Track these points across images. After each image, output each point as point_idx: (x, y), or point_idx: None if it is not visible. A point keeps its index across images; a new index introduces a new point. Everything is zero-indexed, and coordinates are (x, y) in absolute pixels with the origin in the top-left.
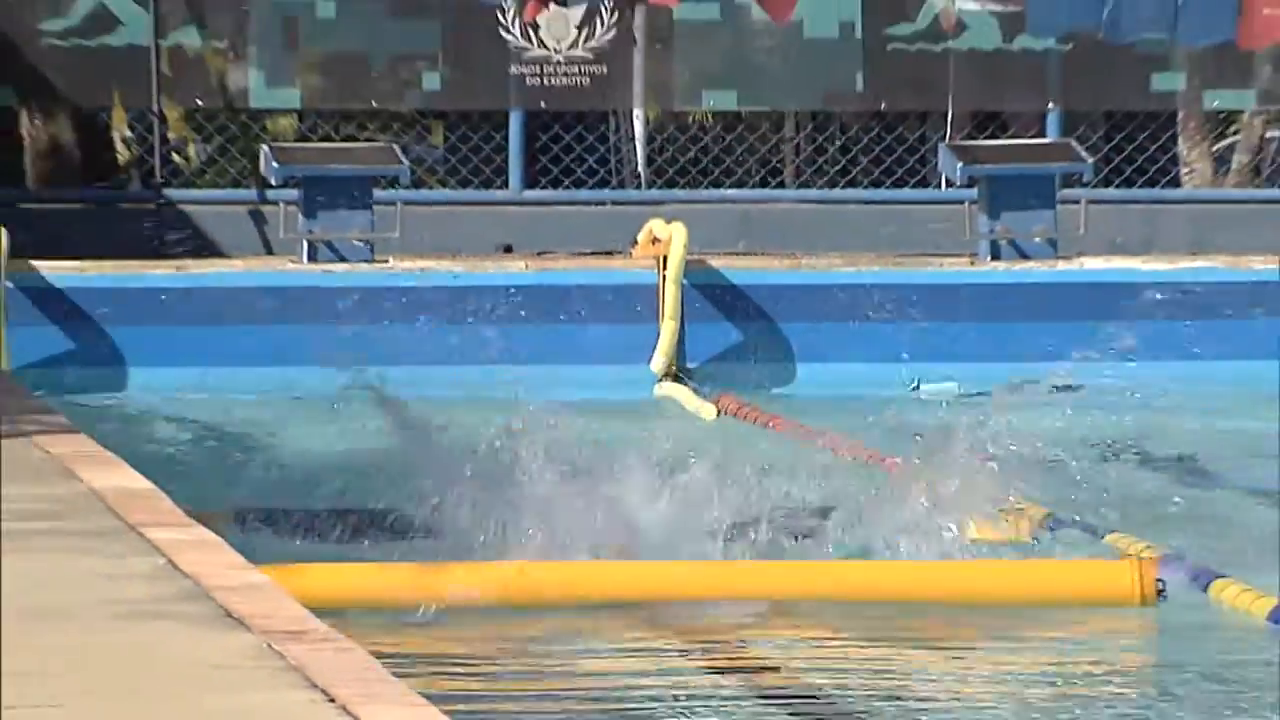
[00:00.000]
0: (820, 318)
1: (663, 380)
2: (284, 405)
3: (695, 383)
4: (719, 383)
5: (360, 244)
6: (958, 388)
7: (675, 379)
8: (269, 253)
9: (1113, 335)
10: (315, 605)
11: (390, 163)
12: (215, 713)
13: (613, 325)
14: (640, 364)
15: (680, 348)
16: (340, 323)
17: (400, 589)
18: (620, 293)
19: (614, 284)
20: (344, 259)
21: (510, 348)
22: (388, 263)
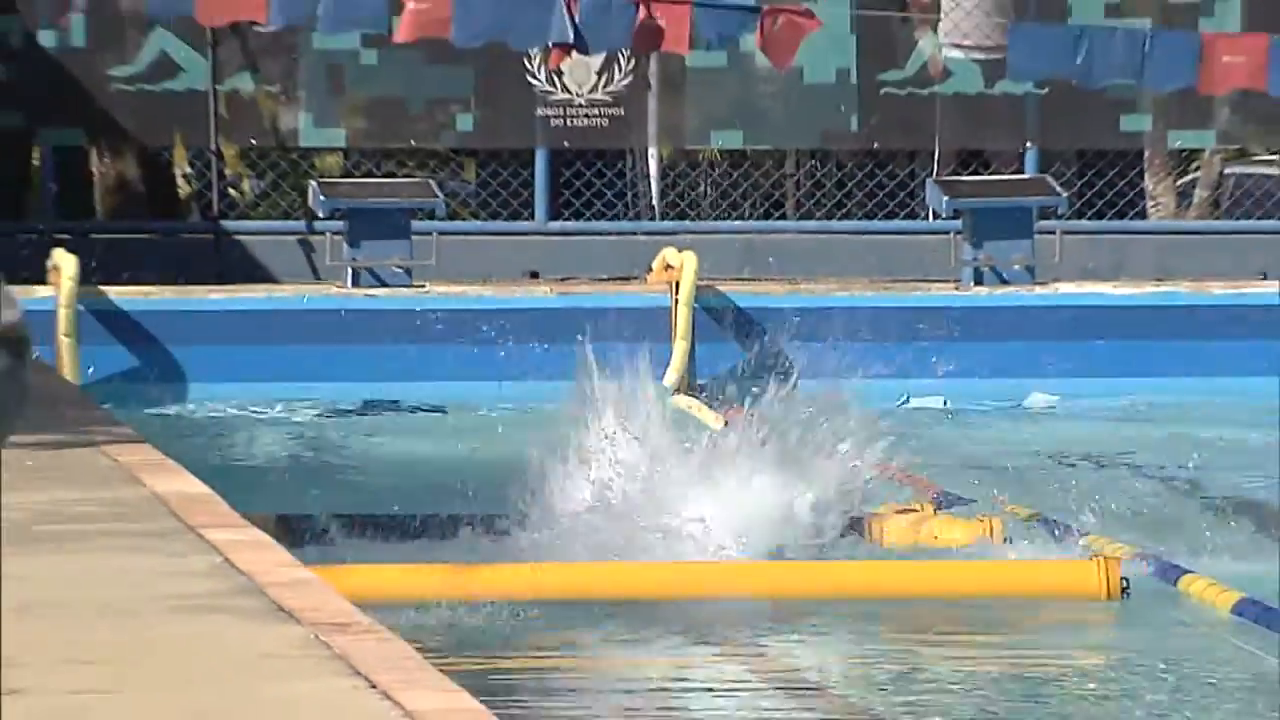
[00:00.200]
0: (819, 337)
1: (675, 395)
2: (328, 417)
3: (705, 397)
4: (727, 396)
5: (399, 270)
6: (944, 402)
7: (686, 393)
8: (316, 279)
9: (1085, 353)
10: (357, 602)
11: (427, 196)
12: (267, 699)
13: (632, 343)
14: (655, 379)
15: (691, 365)
16: (381, 343)
17: (433, 588)
18: (638, 315)
19: (631, 307)
20: (384, 284)
21: (538, 365)
22: (424, 288)
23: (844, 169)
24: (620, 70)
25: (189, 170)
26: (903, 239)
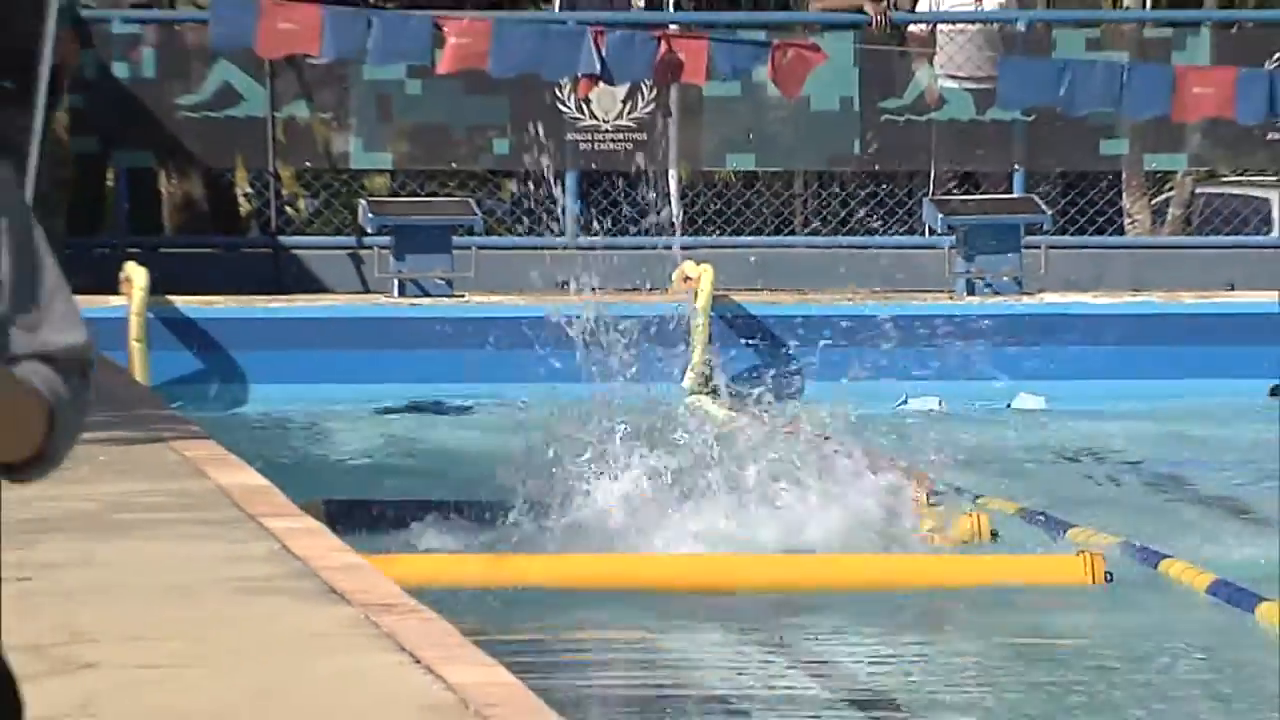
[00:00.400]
0: (825, 342)
1: (693, 394)
2: (376, 415)
3: (720, 397)
4: (740, 397)
5: (441, 282)
6: (939, 402)
7: (703, 393)
8: (365, 289)
9: (1068, 357)
10: (403, 583)
11: (466, 214)
12: (321, 673)
13: (653, 348)
14: (674, 381)
15: (707, 368)
16: (425, 348)
17: (473, 576)
18: (659, 322)
19: (653, 315)
20: (428, 294)
21: (568, 368)
22: (464, 298)
23: (847, 189)
24: (643, 99)
25: (249, 190)
26: (901, 253)
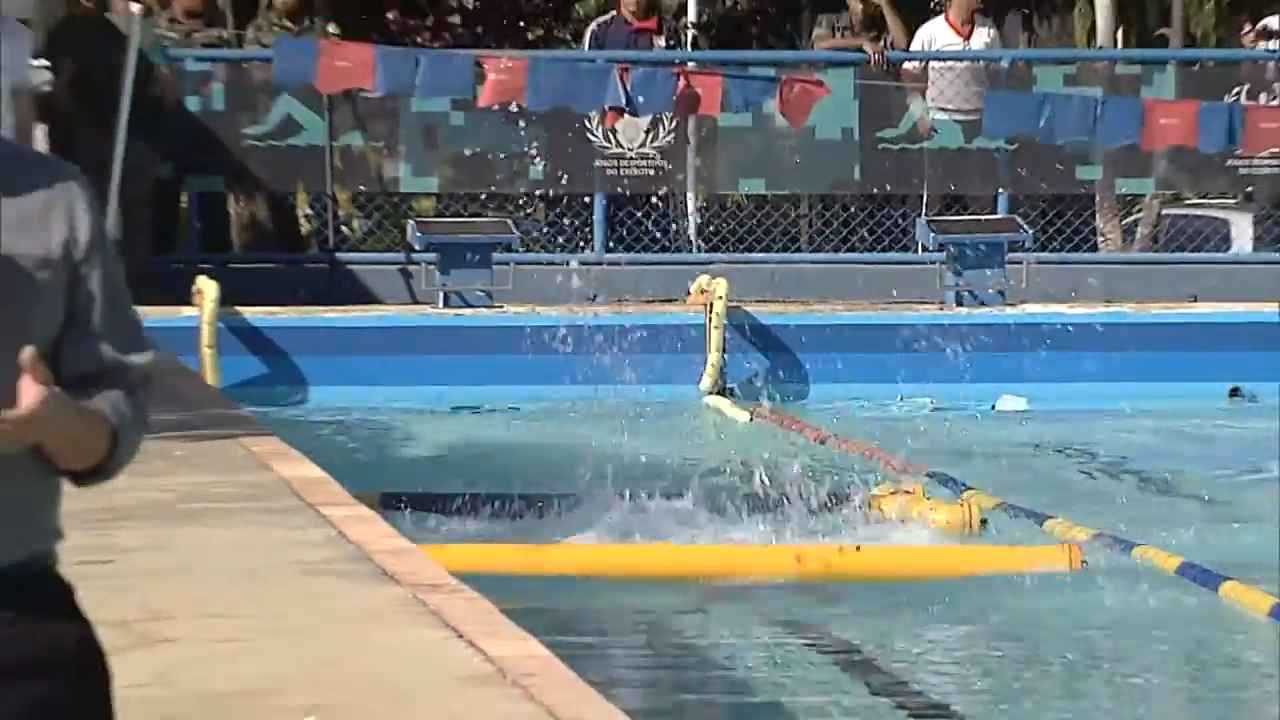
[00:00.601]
0: (827, 349)
1: (709, 395)
2: (422, 414)
3: (734, 397)
4: (752, 397)
5: (482, 294)
6: (930, 403)
7: (719, 394)
8: (414, 301)
9: (1047, 362)
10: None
11: (505, 233)
12: (373, 646)
13: (673, 354)
14: (692, 383)
15: (722, 371)
16: (467, 353)
17: (512, 563)
18: (678, 331)
19: (673, 324)
20: (469, 305)
21: (596, 373)
22: (503, 308)
23: (848, 210)
24: (664, 129)
25: (309, 211)
26: (897, 268)
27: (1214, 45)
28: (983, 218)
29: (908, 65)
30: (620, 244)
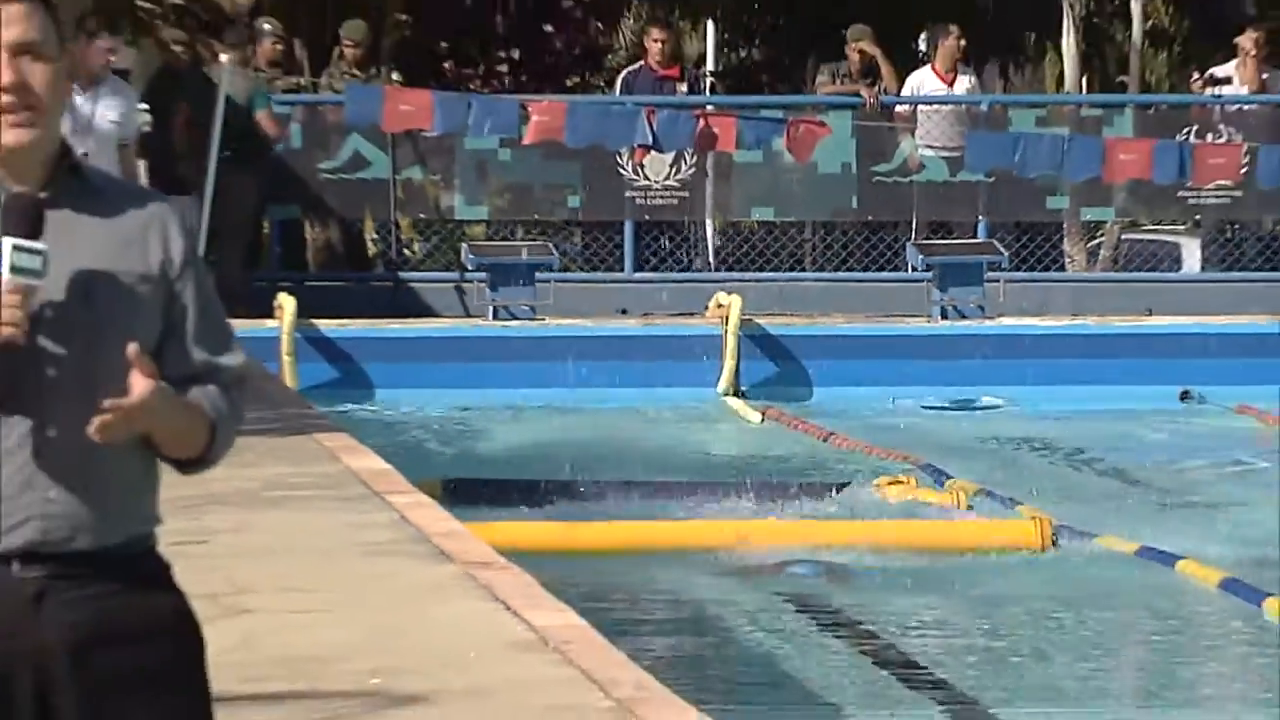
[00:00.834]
0: (829, 356)
1: (725, 397)
2: (475, 414)
3: (747, 399)
4: (762, 398)
5: (527, 308)
6: (919, 404)
7: (734, 396)
8: (467, 314)
9: (1020, 368)
10: (496, 546)
11: (546, 255)
12: (431, 617)
13: (693, 361)
14: (710, 387)
15: (737, 376)
16: (513, 360)
17: (553, 539)
18: (698, 340)
19: (693, 334)
20: (516, 318)
21: (628, 376)
22: (544, 320)
23: (847, 235)
24: (685, 164)
25: (375, 236)
26: (889, 285)
27: (1167, 91)
28: (964, 241)
29: (899, 108)
30: (647, 264)
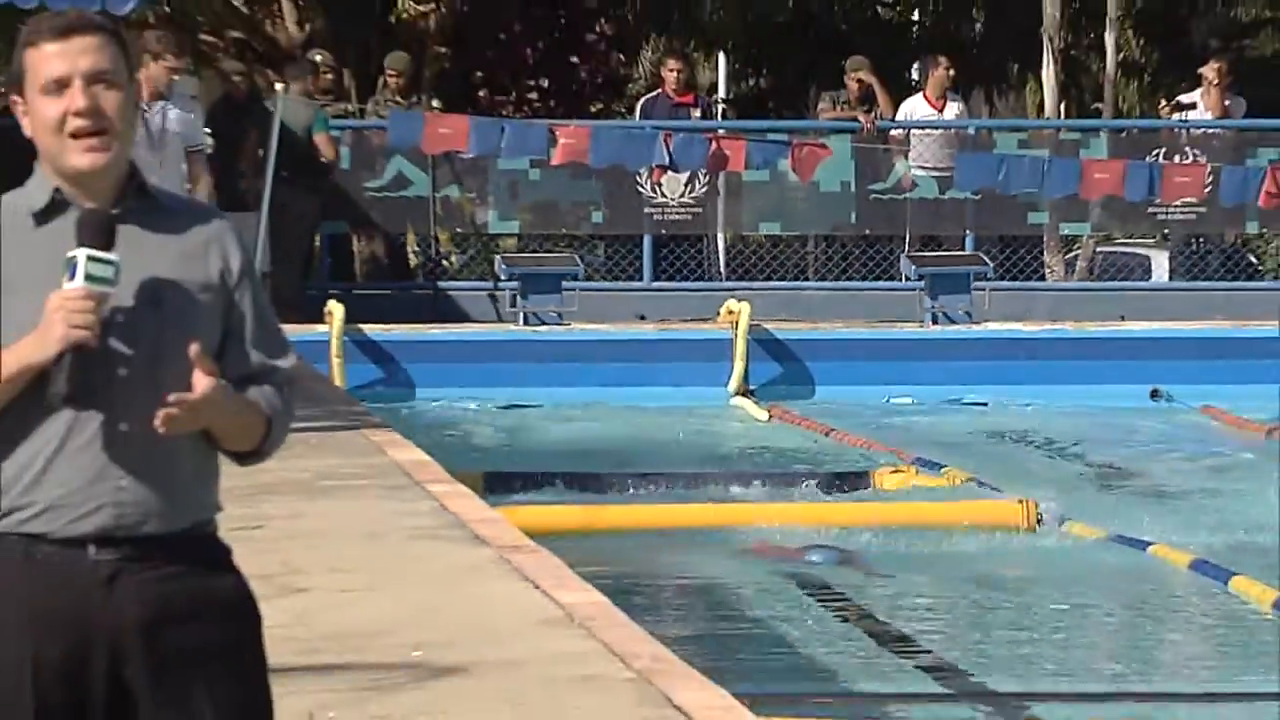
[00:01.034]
0: (830, 359)
1: (735, 396)
2: (507, 411)
3: (755, 397)
4: (769, 398)
5: (554, 314)
6: (912, 401)
7: (743, 395)
8: (499, 320)
9: (1004, 369)
10: (527, 531)
11: (572, 266)
12: (468, 595)
13: (706, 362)
14: (721, 386)
15: (746, 377)
16: (542, 362)
17: (577, 521)
18: (710, 344)
19: (705, 339)
20: (544, 323)
21: (647, 376)
22: (570, 325)
23: (846, 247)
24: (699, 182)
25: (416, 248)
26: (885, 294)
27: (1138, 116)
28: (953, 253)
29: (894, 132)
30: (664, 274)
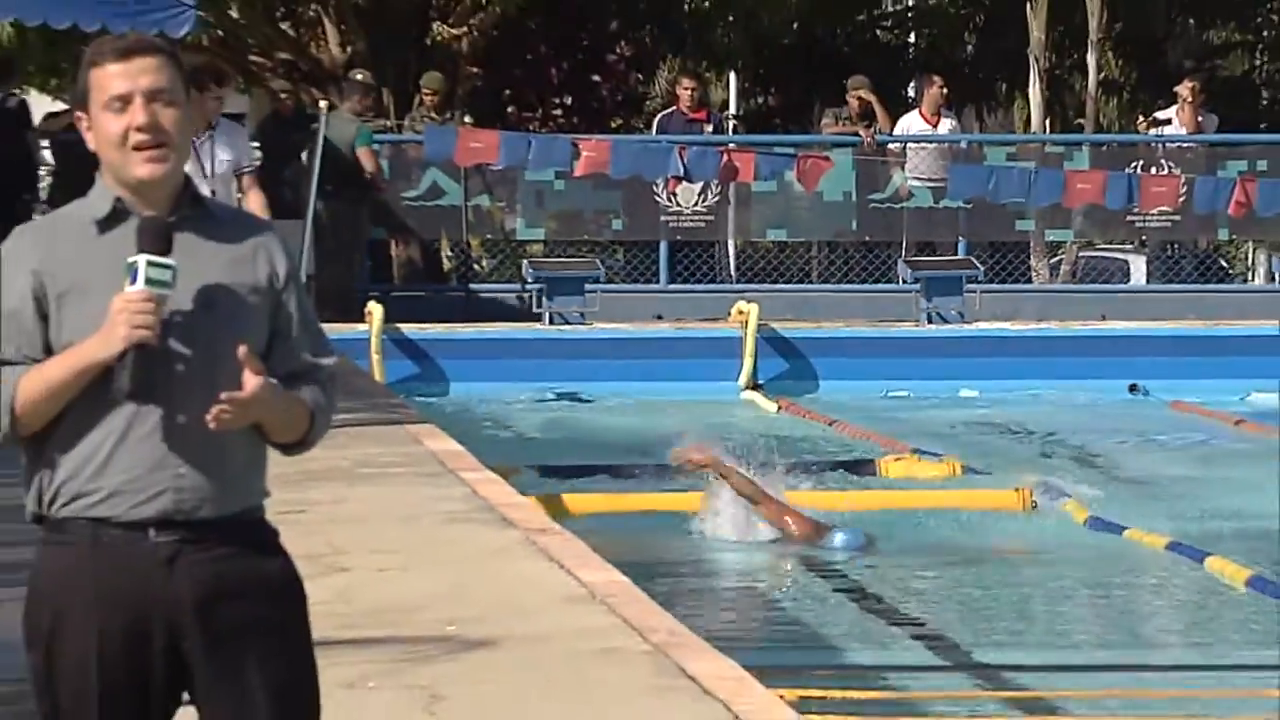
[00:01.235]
0: (833, 355)
1: (745, 390)
2: (533, 403)
3: (765, 391)
4: (776, 391)
5: (577, 314)
6: (908, 394)
7: (753, 389)
8: (527, 319)
9: (993, 365)
10: (555, 516)
11: (594, 269)
12: (497, 574)
13: (718, 359)
14: (732, 381)
15: (754, 373)
16: (566, 359)
17: (599, 506)
18: (722, 341)
19: (718, 337)
20: (568, 323)
21: (663, 372)
22: (592, 324)
23: (847, 252)
24: (711, 192)
25: (450, 253)
26: (883, 295)
27: (1118, 131)
28: (946, 258)
29: (891, 146)
30: (678, 277)
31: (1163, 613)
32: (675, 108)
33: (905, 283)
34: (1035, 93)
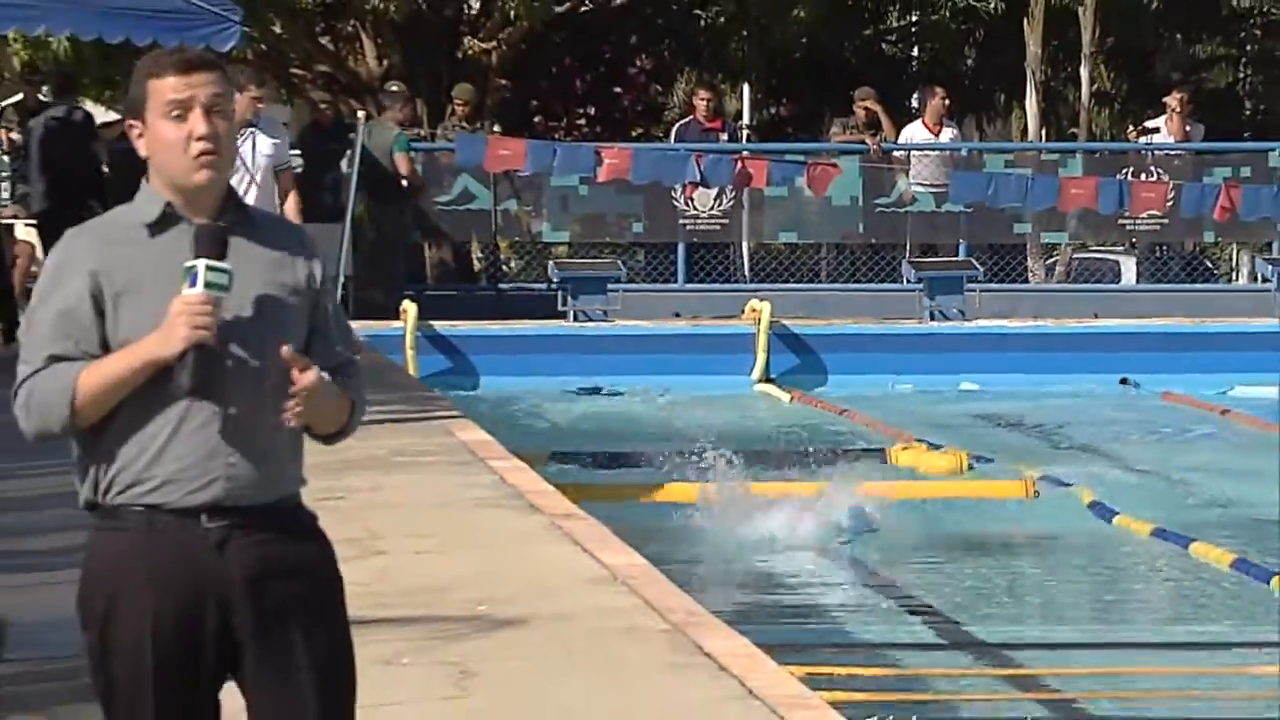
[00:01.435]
0: (842, 350)
1: (758, 383)
2: (558, 396)
3: (777, 384)
4: (788, 385)
5: (600, 312)
6: (912, 388)
7: (765, 382)
8: (553, 317)
9: (992, 360)
10: (578, 502)
11: (616, 270)
12: (525, 557)
13: (733, 354)
14: (745, 375)
15: (767, 367)
16: (590, 354)
17: (618, 493)
18: (736, 337)
19: (733, 333)
20: (591, 320)
21: (681, 367)
22: (614, 322)
23: (855, 254)
24: (726, 197)
25: (480, 255)
26: (889, 294)
27: (1110, 140)
28: (948, 259)
29: (897, 153)
30: (695, 277)
31: (1151, 593)
32: (692, 117)
33: (909, 282)
34: (1032, 104)
